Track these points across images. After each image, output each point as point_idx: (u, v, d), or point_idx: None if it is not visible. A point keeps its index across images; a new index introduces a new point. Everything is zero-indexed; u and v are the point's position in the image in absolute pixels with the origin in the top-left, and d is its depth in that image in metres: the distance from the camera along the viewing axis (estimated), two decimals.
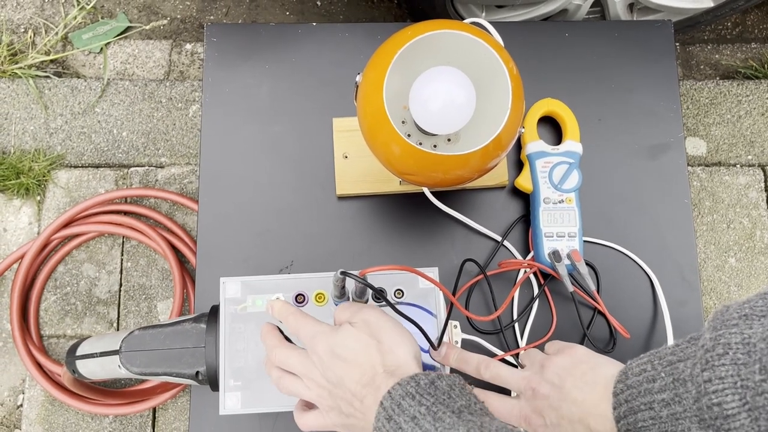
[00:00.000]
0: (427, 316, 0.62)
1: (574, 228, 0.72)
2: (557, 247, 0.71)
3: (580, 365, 0.56)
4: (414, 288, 0.63)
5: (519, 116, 0.58)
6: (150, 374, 0.62)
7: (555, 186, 0.73)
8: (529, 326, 0.73)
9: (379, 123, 0.56)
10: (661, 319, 0.73)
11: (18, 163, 1.44)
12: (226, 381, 0.60)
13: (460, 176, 0.60)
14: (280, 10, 1.65)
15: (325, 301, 0.62)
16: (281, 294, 0.61)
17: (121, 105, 1.51)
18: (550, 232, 0.72)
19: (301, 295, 0.62)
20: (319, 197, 0.76)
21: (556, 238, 0.72)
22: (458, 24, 0.57)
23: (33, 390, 1.39)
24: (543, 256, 0.72)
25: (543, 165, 0.74)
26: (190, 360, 0.61)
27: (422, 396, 0.47)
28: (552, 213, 0.72)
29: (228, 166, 0.77)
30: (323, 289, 0.62)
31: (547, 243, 0.72)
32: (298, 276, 0.63)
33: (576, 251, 0.71)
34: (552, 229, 0.72)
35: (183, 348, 0.61)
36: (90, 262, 1.44)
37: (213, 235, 0.75)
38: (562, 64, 0.81)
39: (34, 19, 1.60)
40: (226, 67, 0.79)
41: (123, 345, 0.62)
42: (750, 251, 1.47)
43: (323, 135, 0.77)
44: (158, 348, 0.61)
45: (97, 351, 0.66)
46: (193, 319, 0.63)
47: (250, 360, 0.61)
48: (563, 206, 0.72)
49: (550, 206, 0.72)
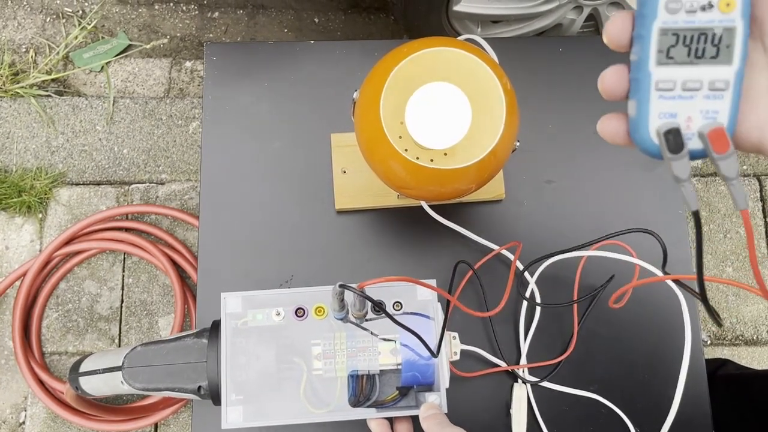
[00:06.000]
0: (428, 323, 0.63)
1: (729, 72, 0.35)
2: (682, 113, 0.36)
3: None
4: (413, 300, 0.63)
5: (514, 130, 0.59)
6: (153, 389, 0.62)
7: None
8: (531, 333, 0.74)
9: (377, 139, 0.57)
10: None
11: (20, 182, 1.46)
12: (228, 395, 0.60)
13: (457, 189, 0.61)
14: (279, 27, 1.67)
15: (324, 314, 0.62)
16: (281, 308, 0.62)
17: (122, 123, 1.52)
18: (670, 79, 0.36)
19: (300, 308, 0.62)
20: (319, 212, 0.77)
21: (681, 93, 0.36)
22: (453, 41, 0.58)
23: (35, 407, 1.39)
24: (647, 134, 0.37)
25: None
26: (192, 375, 0.61)
27: None
28: (684, 33, 0.35)
29: (228, 182, 0.78)
30: (323, 302, 0.63)
31: (660, 105, 0.36)
32: (297, 290, 0.63)
33: (721, 130, 0.35)
34: (677, 74, 0.36)
35: (185, 363, 0.62)
36: (91, 279, 1.45)
37: (214, 251, 0.76)
38: (556, 78, 0.82)
39: (35, 38, 1.62)
40: (226, 85, 0.80)
41: (126, 361, 0.63)
42: (747, 260, 1.48)
43: (322, 151, 0.78)
44: (161, 363, 0.62)
45: (100, 367, 0.66)
46: (195, 335, 0.64)
47: (251, 374, 0.61)
48: (710, 19, 0.35)
49: (679, 20, 0.35)
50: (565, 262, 0.74)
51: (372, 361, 0.61)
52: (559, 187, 0.79)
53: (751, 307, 1.47)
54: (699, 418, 0.74)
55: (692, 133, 0.36)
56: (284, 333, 0.62)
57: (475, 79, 0.56)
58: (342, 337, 0.62)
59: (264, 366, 0.61)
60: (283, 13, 1.68)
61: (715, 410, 0.75)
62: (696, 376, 0.75)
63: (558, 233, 0.77)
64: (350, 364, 0.61)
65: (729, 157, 0.35)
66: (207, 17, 1.67)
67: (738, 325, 1.47)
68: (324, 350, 0.62)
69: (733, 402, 0.92)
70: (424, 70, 0.57)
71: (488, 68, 0.56)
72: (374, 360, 0.61)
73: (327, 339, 0.62)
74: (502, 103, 0.56)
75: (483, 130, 0.59)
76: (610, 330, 0.76)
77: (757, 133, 0.36)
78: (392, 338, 0.62)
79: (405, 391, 0.63)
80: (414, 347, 0.61)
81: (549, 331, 0.75)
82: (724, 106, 0.35)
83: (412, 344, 0.61)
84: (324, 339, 0.62)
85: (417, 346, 0.57)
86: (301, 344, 0.62)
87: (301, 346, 0.62)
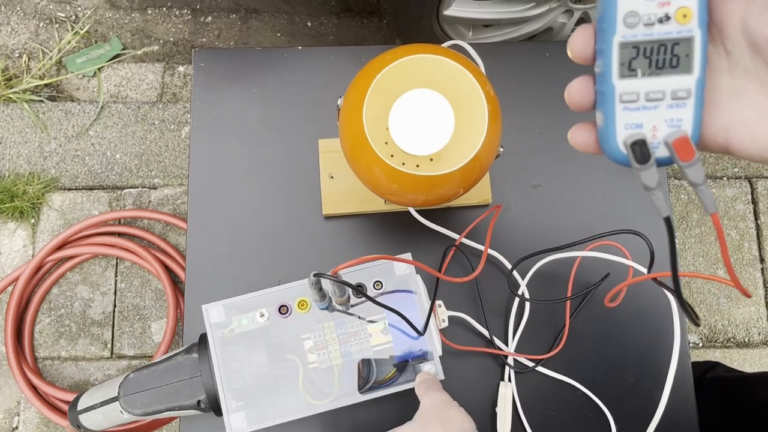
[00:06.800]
0: (411, 297, 0.64)
1: (689, 80, 0.35)
2: (647, 123, 0.36)
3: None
4: (392, 277, 0.65)
5: (496, 136, 0.60)
6: (153, 413, 0.63)
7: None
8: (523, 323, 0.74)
9: (361, 146, 0.58)
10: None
11: (12, 187, 1.46)
12: (228, 403, 0.61)
13: (442, 195, 0.62)
14: (271, 31, 1.68)
15: (307, 307, 0.63)
16: (264, 309, 0.63)
17: (114, 127, 1.52)
18: (633, 91, 0.36)
19: (284, 306, 0.63)
20: (306, 217, 0.77)
21: (645, 103, 0.36)
22: (436, 48, 0.58)
23: (28, 412, 1.39)
24: (615, 145, 0.37)
25: None
26: (189, 391, 0.62)
27: None
28: (643, 46, 0.35)
29: (216, 189, 0.78)
30: (304, 296, 0.64)
31: (626, 116, 0.36)
32: (277, 288, 0.64)
33: (685, 139, 0.35)
34: (639, 85, 0.36)
35: (180, 381, 0.62)
36: (84, 284, 1.45)
37: (202, 259, 0.76)
38: (543, 83, 0.82)
39: (28, 44, 1.62)
40: (214, 91, 0.81)
41: (121, 390, 0.63)
42: (738, 263, 1.48)
43: (309, 156, 0.78)
44: (156, 386, 0.63)
45: (97, 402, 0.67)
46: (185, 351, 0.64)
47: (247, 378, 0.62)
48: (667, 31, 0.35)
49: (638, 33, 0.35)
50: (555, 263, 0.75)
51: (364, 344, 0.63)
52: (545, 191, 0.79)
53: (742, 310, 1.48)
54: (685, 422, 0.74)
55: (658, 141, 0.36)
56: (272, 333, 0.63)
57: (457, 85, 0.57)
58: (330, 326, 0.63)
59: (258, 368, 0.62)
60: (275, 17, 1.68)
61: (705, 413, 0.75)
62: (683, 379, 0.75)
63: (544, 237, 0.77)
64: (343, 350, 0.63)
65: (694, 164, 0.35)
66: (200, 22, 1.67)
67: (729, 328, 1.47)
68: (315, 342, 0.63)
69: (723, 405, 0.93)
70: (407, 77, 0.57)
71: (470, 75, 0.57)
72: (366, 342, 0.63)
73: (316, 331, 0.63)
74: (485, 109, 0.57)
75: (466, 136, 0.59)
76: (600, 331, 0.76)
77: (723, 135, 0.36)
78: (377, 319, 0.63)
79: (402, 367, 0.64)
80: (402, 324, 0.62)
81: (540, 331, 0.75)
82: (687, 114, 0.36)
83: (399, 322, 0.62)
84: (313, 331, 0.63)
85: (404, 323, 0.58)
86: (292, 341, 0.63)
87: (292, 343, 0.63)
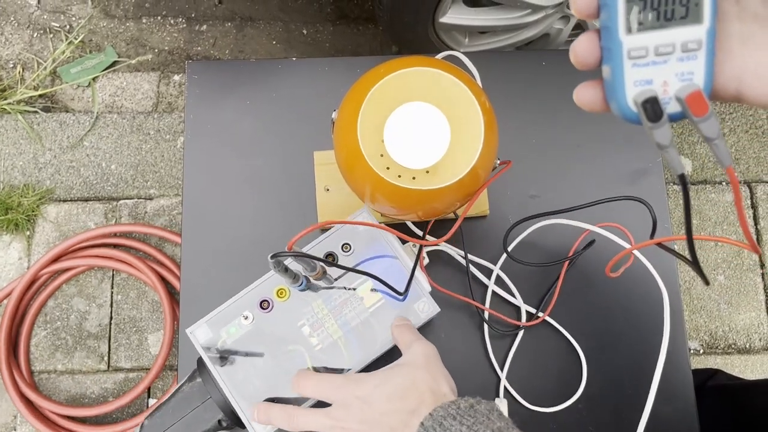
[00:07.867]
0: (384, 249, 0.64)
1: (700, 31, 0.34)
2: (657, 78, 0.35)
3: None
4: (359, 236, 0.64)
5: (493, 148, 0.59)
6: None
7: None
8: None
9: (356, 159, 0.57)
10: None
11: (7, 199, 1.45)
12: (246, 413, 0.61)
13: (437, 209, 0.61)
14: (267, 39, 1.67)
15: (287, 295, 0.63)
16: (246, 311, 0.62)
17: (109, 138, 1.52)
18: (641, 46, 0.35)
19: (264, 300, 0.63)
20: (302, 229, 0.76)
21: (654, 58, 0.35)
22: (431, 60, 0.58)
23: (24, 427, 1.38)
24: (625, 103, 0.36)
25: None
26: (206, 415, 0.62)
27: (463, 417, 0.49)
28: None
29: (211, 201, 0.77)
30: (281, 284, 0.63)
31: (634, 73, 0.35)
32: (252, 287, 0.63)
33: (698, 93, 0.34)
34: (647, 39, 0.34)
35: (194, 409, 0.62)
36: (80, 296, 1.44)
37: (196, 272, 0.75)
38: (539, 92, 0.82)
39: (22, 54, 1.62)
40: (208, 103, 0.80)
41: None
42: (738, 268, 1.47)
43: (305, 168, 0.77)
44: (174, 422, 0.62)
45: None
46: (187, 380, 0.64)
47: (257, 382, 0.62)
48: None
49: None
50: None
51: (359, 308, 0.63)
52: (543, 201, 0.78)
53: (743, 316, 1.47)
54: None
55: (670, 97, 0.35)
56: (265, 330, 0.63)
57: (452, 98, 0.56)
58: (319, 304, 0.63)
59: (263, 369, 0.62)
60: (271, 25, 1.68)
61: (706, 421, 0.74)
62: (684, 388, 0.74)
63: (543, 245, 0.76)
64: (340, 322, 0.63)
65: (709, 118, 0.34)
66: (195, 30, 1.66)
67: (730, 334, 1.47)
68: (311, 324, 0.63)
69: (724, 412, 0.92)
70: (401, 90, 0.56)
71: (465, 87, 0.56)
72: (360, 305, 0.63)
73: (307, 313, 0.63)
74: (480, 121, 0.56)
75: (463, 149, 0.58)
76: (595, 342, 0.75)
77: (734, 84, 0.35)
78: (360, 283, 0.63)
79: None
80: (385, 279, 0.61)
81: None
82: (698, 66, 0.35)
83: (376, 287, 0.63)
84: (305, 315, 0.63)
85: (386, 274, 0.59)
86: (289, 332, 0.62)
87: (291, 334, 0.62)
